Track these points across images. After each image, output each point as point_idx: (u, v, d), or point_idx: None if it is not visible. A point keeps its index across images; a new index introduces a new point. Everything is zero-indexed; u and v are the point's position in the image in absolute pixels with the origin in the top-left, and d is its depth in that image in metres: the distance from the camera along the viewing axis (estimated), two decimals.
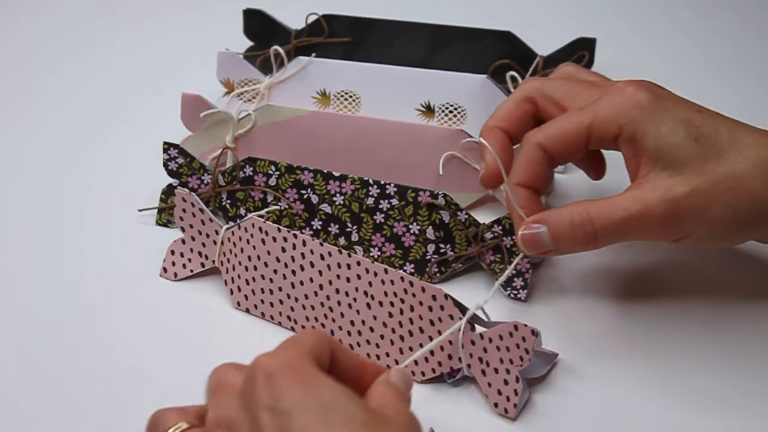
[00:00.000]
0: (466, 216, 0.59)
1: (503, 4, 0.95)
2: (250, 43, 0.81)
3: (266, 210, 0.59)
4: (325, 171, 0.60)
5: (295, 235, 0.54)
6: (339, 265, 0.53)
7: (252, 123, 0.65)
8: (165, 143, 0.63)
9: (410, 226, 0.59)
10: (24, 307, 0.58)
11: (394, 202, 0.59)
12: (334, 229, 0.60)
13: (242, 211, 0.62)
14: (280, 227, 0.54)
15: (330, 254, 0.53)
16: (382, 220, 0.60)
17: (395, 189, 0.59)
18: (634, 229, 0.49)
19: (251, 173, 0.62)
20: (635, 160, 0.49)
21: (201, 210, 0.57)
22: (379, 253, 0.60)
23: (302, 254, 0.54)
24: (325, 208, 0.60)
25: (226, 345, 0.55)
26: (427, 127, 0.64)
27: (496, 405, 0.50)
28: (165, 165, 0.63)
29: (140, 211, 0.64)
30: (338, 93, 0.71)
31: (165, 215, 0.63)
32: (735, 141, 0.48)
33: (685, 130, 0.48)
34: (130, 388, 0.52)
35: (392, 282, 0.52)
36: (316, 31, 0.79)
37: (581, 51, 0.75)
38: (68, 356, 0.54)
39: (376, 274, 0.52)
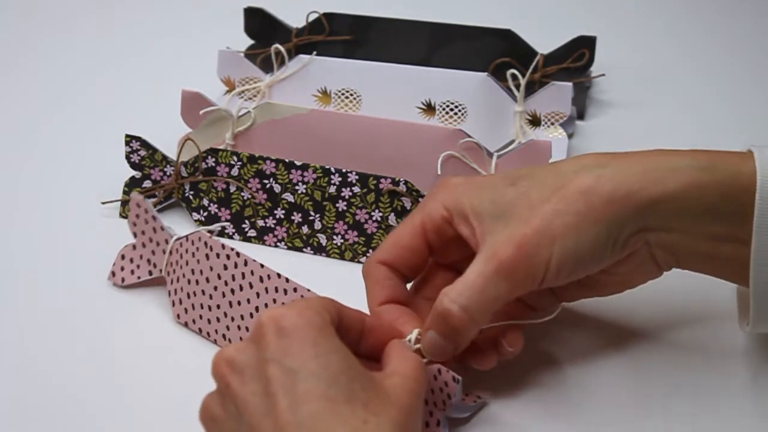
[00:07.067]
0: None
1: (504, 2, 0.95)
2: (250, 42, 0.81)
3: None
4: (287, 160, 0.61)
5: (237, 254, 0.52)
6: (276, 290, 0.51)
7: (251, 121, 0.65)
8: (127, 136, 0.63)
9: (372, 213, 0.59)
10: None
11: (356, 189, 0.59)
12: (297, 217, 0.60)
13: (205, 202, 0.62)
14: (225, 244, 0.52)
15: (269, 277, 0.51)
16: (345, 208, 0.60)
17: (357, 177, 0.59)
18: (498, 288, 0.46)
19: (213, 164, 0.62)
20: (475, 236, 0.48)
21: (153, 217, 0.56)
22: (342, 241, 0.60)
23: (242, 274, 0.52)
24: (288, 197, 0.60)
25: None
26: (425, 126, 0.64)
27: None
28: (127, 157, 0.63)
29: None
30: (339, 91, 0.71)
31: (128, 208, 0.63)
32: (552, 166, 0.49)
33: (502, 182, 0.48)
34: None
35: None
36: (316, 30, 0.79)
37: (581, 49, 0.75)
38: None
39: None
